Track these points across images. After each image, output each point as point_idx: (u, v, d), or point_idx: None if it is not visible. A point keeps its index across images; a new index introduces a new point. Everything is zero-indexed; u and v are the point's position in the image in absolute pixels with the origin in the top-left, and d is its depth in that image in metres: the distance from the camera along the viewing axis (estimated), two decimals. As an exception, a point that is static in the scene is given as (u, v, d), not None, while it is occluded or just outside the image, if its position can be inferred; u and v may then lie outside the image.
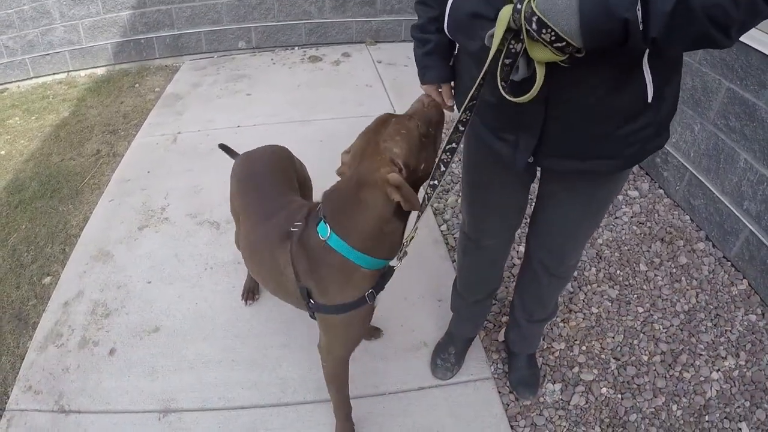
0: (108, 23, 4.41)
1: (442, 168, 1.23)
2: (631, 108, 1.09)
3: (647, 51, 0.99)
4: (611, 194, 1.42)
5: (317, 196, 1.63)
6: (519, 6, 0.85)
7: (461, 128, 1.16)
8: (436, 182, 1.25)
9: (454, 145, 1.19)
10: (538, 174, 1.50)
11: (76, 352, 2.18)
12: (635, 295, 2.32)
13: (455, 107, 1.40)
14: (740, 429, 1.84)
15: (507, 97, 0.99)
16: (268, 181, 1.77)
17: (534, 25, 0.83)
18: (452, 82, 1.40)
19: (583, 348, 2.13)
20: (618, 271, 2.44)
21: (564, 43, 0.83)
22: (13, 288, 2.56)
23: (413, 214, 1.34)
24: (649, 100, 1.06)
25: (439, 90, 1.40)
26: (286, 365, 2.03)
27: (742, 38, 2.16)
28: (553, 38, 0.83)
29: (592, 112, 1.09)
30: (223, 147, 2.28)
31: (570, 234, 1.52)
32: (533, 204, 1.59)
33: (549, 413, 1.92)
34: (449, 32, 1.24)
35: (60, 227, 2.87)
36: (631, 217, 2.73)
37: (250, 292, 2.28)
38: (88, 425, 1.92)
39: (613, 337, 2.16)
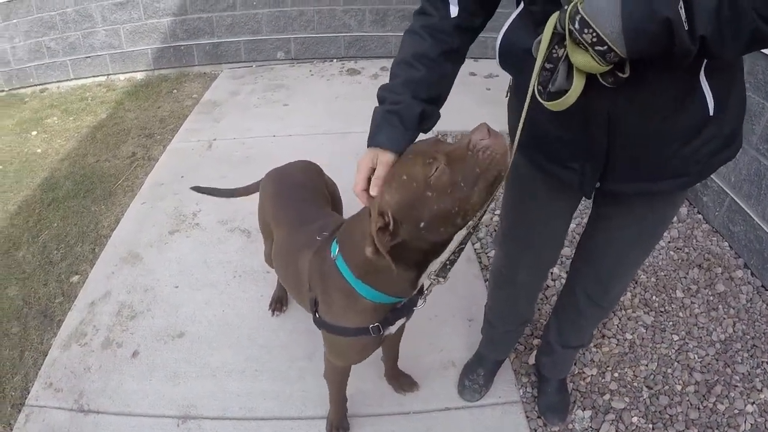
0: (149, 29, 4.50)
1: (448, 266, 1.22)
2: (694, 124, 1.05)
3: (704, 64, 0.95)
4: (668, 217, 1.37)
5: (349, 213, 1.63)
6: (566, 7, 0.83)
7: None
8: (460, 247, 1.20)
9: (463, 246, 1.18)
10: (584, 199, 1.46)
11: (99, 353, 2.16)
12: (671, 323, 2.25)
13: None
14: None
15: (540, 100, 0.96)
16: (302, 194, 1.76)
17: (577, 25, 0.80)
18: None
19: (615, 375, 2.06)
20: (654, 297, 2.37)
21: (605, 47, 0.80)
22: (41, 285, 2.57)
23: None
24: (711, 113, 1.02)
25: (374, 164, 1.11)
26: (310, 378, 1.98)
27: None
28: (594, 39, 0.80)
29: (654, 134, 1.06)
30: (198, 189, 2.36)
31: (620, 261, 1.46)
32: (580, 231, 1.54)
33: None
34: (501, 65, 1.19)
35: (91, 227, 2.88)
36: (669, 242, 2.66)
37: (278, 303, 2.24)
38: (106, 426, 1.90)
39: (647, 365, 2.08)
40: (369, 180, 1.10)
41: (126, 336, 2.22)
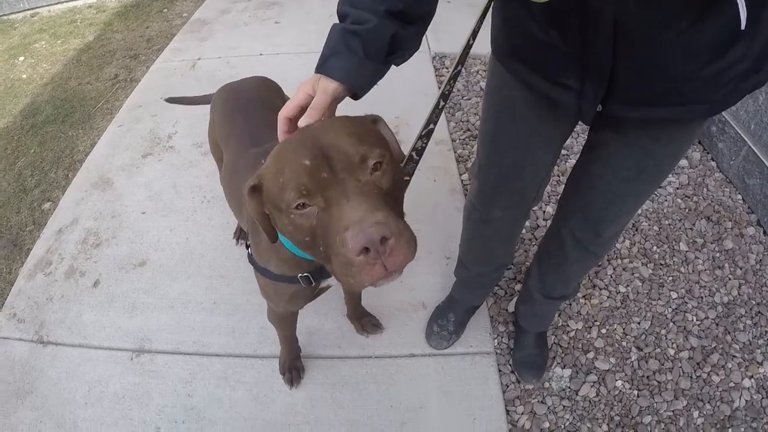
0: (140, -56, 4.17)
1: (415, 157, 1.01)
2: (722, 39, 0.80)
3: None
4: (678, 152, 1.10)
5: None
6: None
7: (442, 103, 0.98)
8: (407, 178, 0.98)
9: (432, 126, 0.99)
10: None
11: (62, 282, 2.06)
12: (670, 278, 1.99)
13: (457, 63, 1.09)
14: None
15: None
16: (256, 112, 1.53)
17: None
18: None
19: (603, 331, 1.84)
20: (654, 248, 2.10)
21: None
22: (13, 213, 2.46)
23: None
24: (743, 26, 0.75)
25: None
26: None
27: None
28: None
29: (671, 47, 0.81)
30: (170, 99, 2.17)
31: (616, 199, 1.20)
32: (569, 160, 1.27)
33: (552, 402, 1.66)
34: None
35: (67, 152, 2.74)
36: (677, 188, 2.34)
37: (243, 231, 2.07)
38: (62, 358, 1.82)
39: (639, 323, 1.85)
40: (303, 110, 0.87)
41: (89, 265, 2.10)
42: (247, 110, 1.53)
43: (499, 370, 1.72)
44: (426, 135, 1.01)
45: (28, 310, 1.98)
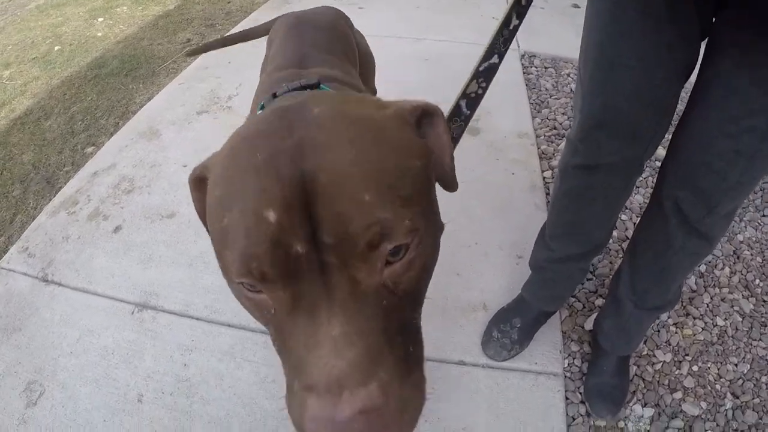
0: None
1: (465, 111, 0.81)
2: None
3: None
4: None
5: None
6: None
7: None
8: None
9: (496, 61, 0.79)
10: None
11: (83, 223, 1.88)
12: None
13: None
14: None
15: None
16: (319, 39, 1.27)
17: None
18: None
19: (695, 369, 1.50)
20: (758, 281, 1.74)
21: None
22: (55, 152, 2.33)
23: None
24: None
25: None
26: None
27: None
28: None
29: None
30: (192, 51, 1.94)
31: (739, 156, 0.89)
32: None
33: None
34: None
35: (123, 103, 2.62)
36: None
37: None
38: (61, 299, 1.62)
39: (736, 365, 1.51)
40: None
41: (115, 210, 1.91)
42: (309, 36, 1.27)
43: (566, 398, 1.39)
44: (485, 73, 0.76)
45: (41, 246, 1.81)
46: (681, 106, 1.01)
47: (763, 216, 1.97)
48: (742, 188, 0.96)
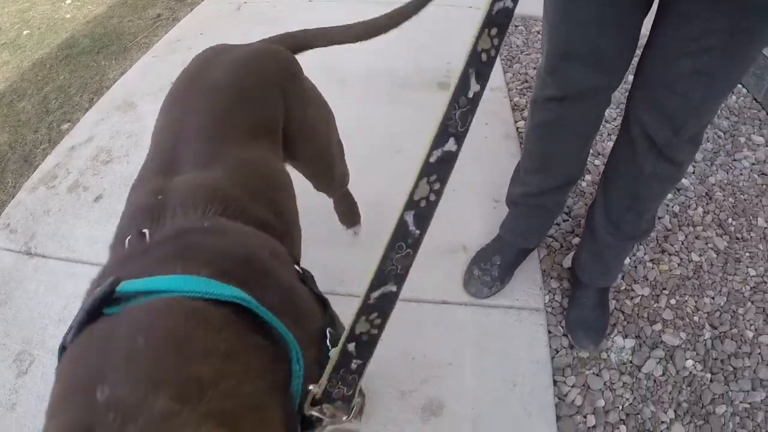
0: None
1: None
2: None
3: None
4: None
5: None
6: None
7: None
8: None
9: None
10: None
11: (63, 195, 1.87)
12: (748, 254, 1.67)
13: None
14: None
15: None
16: (220, 104, 0.89)
17: None
18: None
19: (672, 302, 1.53)
20: (730, 220, 1.78)
21: None
22: (31, 131, 2.31)
23: None
24: None
25: None
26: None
27: None
28: None
29: None
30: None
31: (700, 76, 0.91)
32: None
33: (611, 376, 1.37)
34: None
35: (96, 79, 2.58)
36: (753, 163, 2.01)
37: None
38: (45, 271, 1.62)
39: (713, 298, 1.55)
40: None
41: (95, 180, 1.90)
42: (193, 100, 0.91)
43: (549, 332, 1.41)
44: (438, 168, 0.62)
45: (23, 221, 1.79)
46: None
47: (734, 160, 2.02)
48: (706, 108, 0.99)
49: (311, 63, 1.17)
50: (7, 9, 3.51)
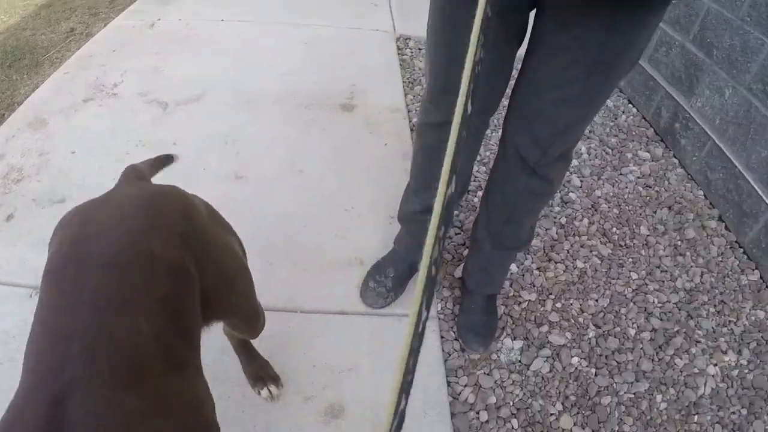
0: None
1: None
2: None
3: None
4: (632, 44, 0.97)
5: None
6: None
7: None
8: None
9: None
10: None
11: (-27, 216, 1.85)
12: (630, 259, 1.89)
13: None
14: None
15: None
16: (113, 296, 0.68)
17: None
18: None
19: (558, 305, 1.70)
20: (614, 229, 2.00)
21: None
22: (-61, 151, 2.25)
23: None
24: None
25: None
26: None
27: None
28: None
29: None
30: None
31: (565, 103, 1.07)
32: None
33: (501, 375, 1.51)
34: None
35: (7, 95, 2.55)
36: (638, 177, 2.27)
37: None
38: (-45, 292, 1.60)
39: (597, 300, 1.73)
40: None
41: (6, 199, 1.91)
42: (81, 293, 0.67)
43: (442, 337, 1.57)
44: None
45: (-66, 245, 1.78)
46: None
47: (620, 174, 2.25)
48: (571, 131, 1.14)
49: (222, 85, 1.26)
50: None
